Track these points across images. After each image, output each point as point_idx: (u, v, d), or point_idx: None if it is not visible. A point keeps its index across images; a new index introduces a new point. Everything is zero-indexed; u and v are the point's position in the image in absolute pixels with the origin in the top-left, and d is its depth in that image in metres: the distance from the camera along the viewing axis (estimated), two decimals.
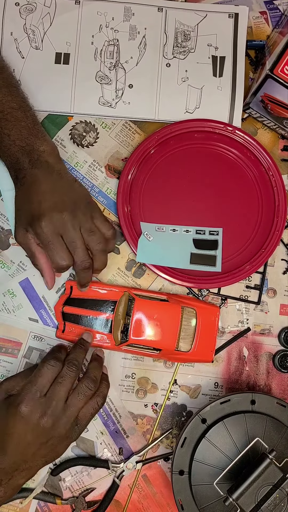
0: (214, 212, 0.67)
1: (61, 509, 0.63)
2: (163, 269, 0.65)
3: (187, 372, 0.66)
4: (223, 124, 0.68)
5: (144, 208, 0.67)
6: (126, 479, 0.64)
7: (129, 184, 0.67)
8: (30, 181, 0.58)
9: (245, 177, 0.69)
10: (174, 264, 0.65)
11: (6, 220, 0.67)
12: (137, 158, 0.67)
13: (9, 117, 0.59)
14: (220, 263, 0.66)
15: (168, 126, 0.68)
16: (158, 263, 0.65)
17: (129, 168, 0.67)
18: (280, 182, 0.68)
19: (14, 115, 0.60)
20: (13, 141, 0.59)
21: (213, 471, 0.57)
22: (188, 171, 0.68)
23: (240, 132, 0.68)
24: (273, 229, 0.67)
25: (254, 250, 0.67)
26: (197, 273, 0.66)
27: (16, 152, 0.59)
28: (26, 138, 0.59)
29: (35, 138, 0.60)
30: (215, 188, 0.68)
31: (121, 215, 0.66)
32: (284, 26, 0.67)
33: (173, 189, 0.68)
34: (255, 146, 0.68)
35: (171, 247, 0.66)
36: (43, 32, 0.70)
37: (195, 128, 0.69)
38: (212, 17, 0.71)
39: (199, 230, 0.66)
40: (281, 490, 0.52)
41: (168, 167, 0.68)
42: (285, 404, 0.59)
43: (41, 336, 0.65)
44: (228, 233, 0.67)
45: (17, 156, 0.59)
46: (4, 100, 0.60)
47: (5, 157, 0.61)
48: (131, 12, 0.71)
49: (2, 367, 0.65)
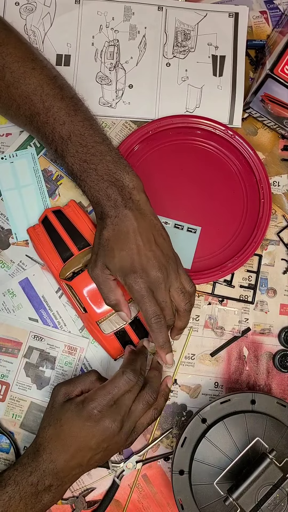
0: (196, 209, 0.68)
1: (61, 508, 0.63)
2: None
3: (187, 372, 0.66)
4: (208, 120, 0.69)
5: None
6: (126, 478, 0.64)
7: None
8: (125, 223, 0.56)
9: (230, 174, 0.69)
10: None
11: (6, 220, 0.67)
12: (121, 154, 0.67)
13: (93, 151, 0.58)
14: (191, 261, 0.66)
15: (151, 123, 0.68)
16: None
17: None
18: (265, 180, 0.68)
19: (99, 149, 0.58)
20: (101, 176, 0.57)
21: (213, 471, 0.57)
22: (172, 168, 0.69)
23: (222, 126, 0.69)
24: (256, 230, 0.67)
25: (236, 249, 0.67)
26: None
27: (106, 188, 0.57)
28: (114, 173, 0.57)
29: (123, 172, 0.58)
30: (198, 184, 0.68)
31: None
32: (284, 26, 0.67)
33: (156, 186, 0.68)
34: (239, 141, 0.68)
35: None
36: (43, 33, 0.70)
37: (179, 124, 0.69)
38: (212, 16, 0.71)
39: (177, 224, 0.67)
40: (281, 490, 0.52)
41: (151, 163, 0.68)
42: (285, 404, 0.59)
43: (41, 336, 0.65)
44: (210, 231, 0.67)
45: (108, 192, 0.57)
46: (86, 134, 0.58)
47: (93, 192, 0.58)
48: (131, 11, 0.71)
49: (2, 367, 0.65)
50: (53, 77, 0.60)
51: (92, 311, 0.61)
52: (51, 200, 0.68)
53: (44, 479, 0.53)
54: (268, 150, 0.71)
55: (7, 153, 0.68)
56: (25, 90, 0.59)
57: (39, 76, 0.59)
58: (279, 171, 0.71)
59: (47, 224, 0.64)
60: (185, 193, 0.68)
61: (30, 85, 0.58)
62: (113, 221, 0.57)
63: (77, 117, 0.58)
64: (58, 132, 0.58)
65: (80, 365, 0.65)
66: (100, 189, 0.57)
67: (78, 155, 0.58)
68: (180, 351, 0.67)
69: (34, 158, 0.68)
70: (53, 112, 0.58)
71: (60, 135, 0.58)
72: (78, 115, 0.59)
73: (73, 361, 0.65)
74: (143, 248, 0.56)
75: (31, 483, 0.53)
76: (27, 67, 0.59)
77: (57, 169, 0.68)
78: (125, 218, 0.57)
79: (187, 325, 0.61)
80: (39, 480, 0.53)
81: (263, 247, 0.69)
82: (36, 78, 0.59)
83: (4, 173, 0.68)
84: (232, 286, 0.68)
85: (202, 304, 0.68)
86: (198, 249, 0.67)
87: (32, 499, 0.53)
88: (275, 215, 0.70)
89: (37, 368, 0.65)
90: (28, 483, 0.53)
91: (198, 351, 0.67)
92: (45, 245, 0.63)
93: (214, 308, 0.67)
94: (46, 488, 0.53)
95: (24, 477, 0.53)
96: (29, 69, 0.59)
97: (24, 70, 0.59)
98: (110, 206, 0.57)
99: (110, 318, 0.62)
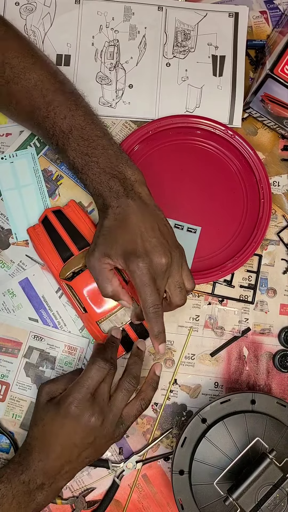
0: (196, 209, 0.68)
1: (61, 508, 0.63)
2: None
3: (187, 371, 0.66)
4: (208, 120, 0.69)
5: None
6: (126, 478, 0.64)
7: None
8: (127, 211, 0.56)
9: (230, 174, 0.69)
10: None
11: (6, 220, 0.67)
12: None
13: (95, 144, 0.58)
14: (191, 261, 0.66)
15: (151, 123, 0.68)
16: None
17: None
18: (265, 180, 0.68)
19: (100, 143, 0.58)
20: (102, 168, 0.57)
21: (213, 470, 0.57)
22: (172, 168, 0.69)
23: (222, 126, 0.69)
24: (256, 230, 0.67)
25: (236, 249, 0.67)
26: None
27: (108, 180, 0.57)
28: (116, 166, 0.57)
29: (125, 165, 0.58)
30: (198, 184, 0.68)
31: None
32: (284, 26, 0.67)
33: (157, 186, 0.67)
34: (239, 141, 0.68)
35: None
36: (43, 33, 0.70)
37: (179, 124, 0.69)
38: (212, 16, 0.71)
39: (178, 224, 0.67)
40: (281, 490, 0.52)
41: (151, 163, 0.68)
42: (285, 404, 0.59)
43: (41, 336, 0.65)
44: (210, 231, 0.67)
45: (110, 184, 0.57)
46: (88, 128, 0.58)
47: (95, 185, 0.58)
48: (131, 11, 0.71)
49: (2, 367, 0.65)
50: (53, 72, 0.60)
51: (92, 311, 0.61)
52: (51, 200, 0.68)
53: (35, 477, 0.53)
54: (268, 150, 0.71)
55: (7, 153, 0.68)
56: (25, 85, 0.58)
57: (39, 71, 0.59)
58: (279, 171, 0.71)
59: (47, 224, 0.64)
60: (185, 193, 0.68)
61: (31, 80, 0.58)
62: (115, 210, 0.56)
63: (78, 111, 0.58)
64: (59, 126, 0.58)
65: (80, 365, 0.65)
66: (102, 181, 0.57)
67: (79, 149, 0.58)
68: (180, 351, 0.67)
69: (34, 158, 0.68)
70: (54, 106, 0.58)
71: (61, 129, 0.58)
72: (79, 109, 0.59)
73: (73, 361, 0.65)
74: (147, 234, 0.55)
75: (23, 481, 0.53)
76: (27, 62, 0.59)
77: (57, 169, 0.68)
78: (127, 207, 0.56)
79: None
80: (30, 479, 0.53)
81: (263, 247, 0.69)
82: (36, 73, 0.59)
83: (4, 173, 0.68)
84: (232, 286, 0.68)
85: (202, 304, 0.68)
86: (198, 249, 0.67)
87: (25, 497, 0.53)
88: (275, 215, 0.70)
89: (37, 368, 0.65)
90: (20, 482, 0.53)
91: (198, 351, 0.67)
92: (45, 245, 0.63)
93: (214, 308, 0.67)
94: (39, 486, 0.53)
95: (16, 475, 0.53)
96: (29, 64, 0.59)
97: (24, 66, 0.58)
98: (112, 197, 0.57)
99: (110, 318, 0.62)
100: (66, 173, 0.68)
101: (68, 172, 0.68)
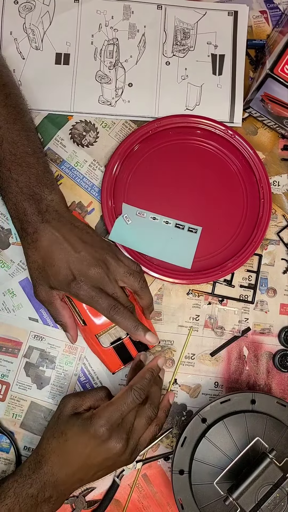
0: (197, 209, 0.68)
1: (61, 508, 0.63)
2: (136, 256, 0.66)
3: (187, 371, 0.66)
4: (208, 120, 0.69)
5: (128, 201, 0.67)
6: (126, 478, 0.64)
7: (113, 179, 0.67)
8: (45, 238, 0.56)
9: (230, 173, 0.69)
10: (145, 251, 0.66)
11: (6, 220, 0.67)
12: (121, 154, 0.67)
13: (21, 161, 0.58)
14: (191, 261, 0.66)
15: (151, 123, 0.68)
16: (129, 246, 0.65)
17: (112, 164, 0.67)
18: (265, 180, 0.68)
19: (27, 160, 0.58)
20: (20, 188, 0.57)
21: (213, 470, 0.57)
22: (172, 168, 0.68)
23: (222, 126, 0.68)
24: (256, 229, 0.67)
25: (236, 249, 0.67)
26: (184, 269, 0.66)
27: (23, 201, 0.57)
28: (35, 187, 0.57)
29: (44, 187, 0.58)
30: (199, 184, 0.68)
31: (105, 210, 0.66)
32: (284, 26, 0.67)
33: (157, 186, 0.68)
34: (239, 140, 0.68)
35: (147, 234, 0.66)
36: (42, 31, 0.69)
37: (179, 124, 0.69)
38: (212, 15, 0.71)
39: (178, 224, 0.67)
40: (281, 490, 0.52)
41: (151, 163, 0.68)
42: (285, 404, 0.59)
43: (41, 335, 0.65)
44: (210, 230, 0.67)
45: (24, 206, 0.57)
46: (19, 143, 0.58)
47: (11, 206, 0.58)
48: (130, 10, 0.70)
49: (3, 367, 0.65)
50: (1, 85, 0.60)
51: (92, 324, 0.61)
52: None
53: (44, 491, 0.52)
54: (268, 150, 0.71)
55: None
56: None
57: None
58: (279, 170, 0.71)
59: None
60: (185, 193, 0.68)
61: None
62: (33, 237, 0.57)
63: (15, 125, 0.59)
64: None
65: (80, 365, 0.65)
66: (18, 202, 0.57)
67: (4, 163, 0.58)
68: (180, 351, 0.67)
69: None
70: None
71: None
72: (16, 124, 0.59)
73: (73, 361, 0.65)
74: (72, 252, 0.56)
75: (31, 495, 0.52)
76: None
77: (57, 169, 0.68)
78: (43, 232, 0.57)
79: (153, 299, 0.62)
80: (39, 492, 0.52)
81: (263, 246, 0.69)
82: None
83: None
84: (232, 286, 0.68)
85: (202, 303, 0.68)
86: (198, 249, 0.67)
87: (31, 510, 0.52)
88: (275, 215, 0.70)
89: (37, 368, 0.65)
90: (28, 495, 0.52)
91: (198, 351, 0.67)
92: None
93: (214, 308, 0.68)
94: (46, 499, 0.53)
95: (24, 489, 0.52)
96: None
97: None
98: (27, 222, 0.57)
99: (109, 332, 0.62)
100: (66, 173, 0.68)
101: (68, 172, 0.68)
